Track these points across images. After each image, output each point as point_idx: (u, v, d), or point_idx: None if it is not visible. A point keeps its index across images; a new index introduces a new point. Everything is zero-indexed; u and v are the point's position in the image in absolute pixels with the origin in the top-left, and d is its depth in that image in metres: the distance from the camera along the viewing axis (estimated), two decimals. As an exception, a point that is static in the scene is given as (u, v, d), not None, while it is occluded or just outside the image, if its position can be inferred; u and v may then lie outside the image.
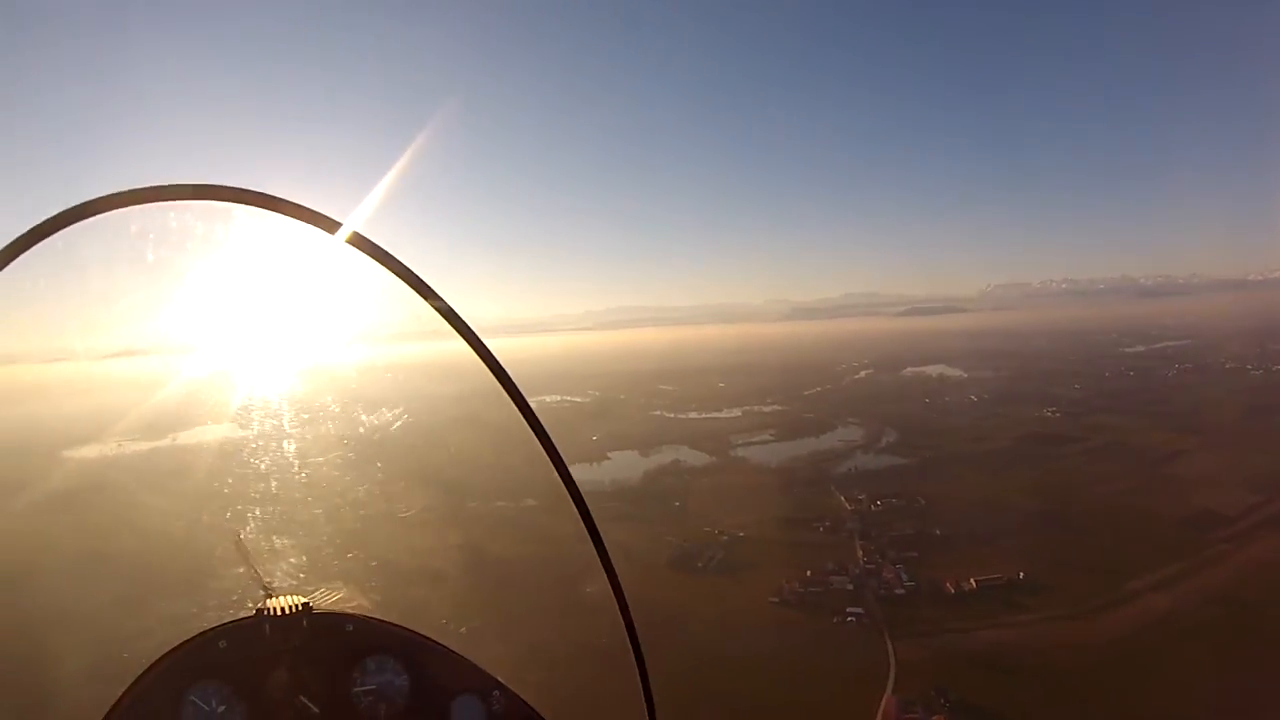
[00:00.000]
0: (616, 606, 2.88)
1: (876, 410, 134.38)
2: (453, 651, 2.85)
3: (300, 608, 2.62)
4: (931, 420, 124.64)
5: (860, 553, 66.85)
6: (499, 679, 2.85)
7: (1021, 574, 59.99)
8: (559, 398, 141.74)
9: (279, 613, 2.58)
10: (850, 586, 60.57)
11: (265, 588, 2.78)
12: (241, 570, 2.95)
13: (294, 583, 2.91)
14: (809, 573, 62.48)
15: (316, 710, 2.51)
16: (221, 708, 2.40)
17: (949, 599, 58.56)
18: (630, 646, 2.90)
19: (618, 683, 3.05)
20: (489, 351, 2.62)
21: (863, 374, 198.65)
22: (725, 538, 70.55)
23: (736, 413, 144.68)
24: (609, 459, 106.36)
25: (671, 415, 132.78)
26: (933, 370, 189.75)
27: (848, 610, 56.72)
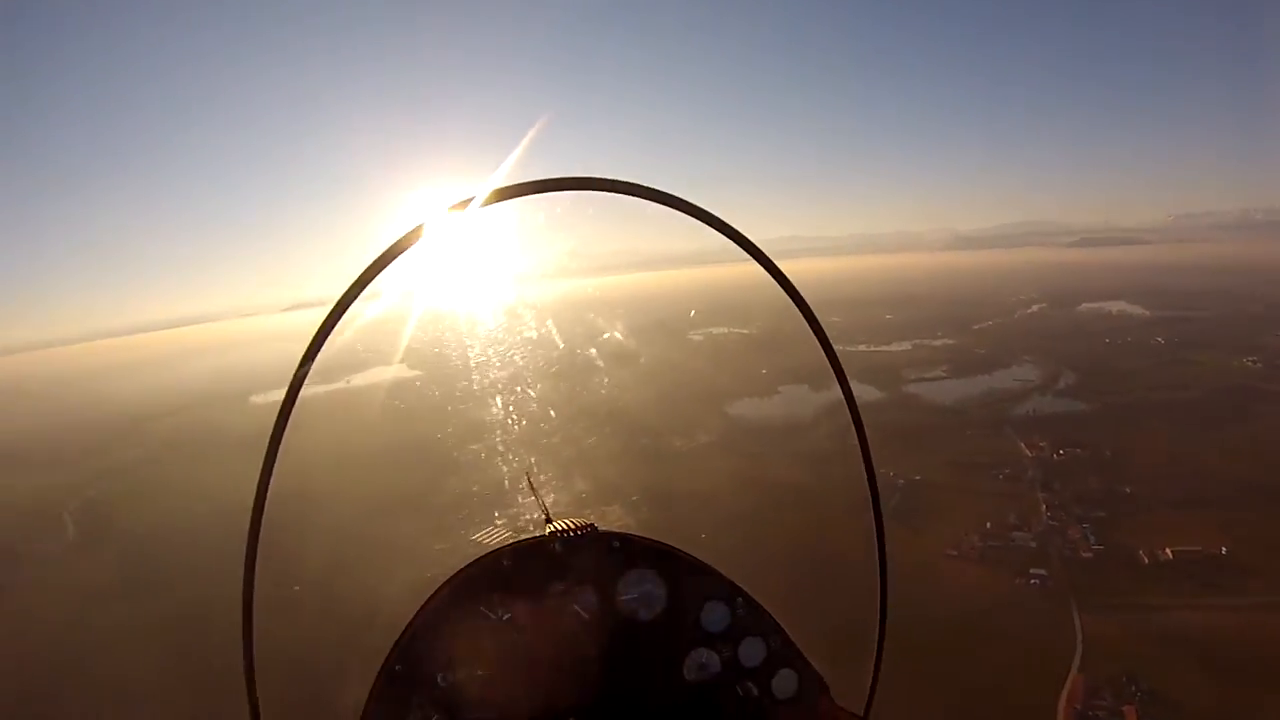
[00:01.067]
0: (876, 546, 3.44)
1: (1052, 348, 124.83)
2: (702, 563, 3.09)
3: (574, 528, 2.98)
4: (1114, 362, 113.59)
5: (1044, 507, 61.72)
6: (742, 587, 3.11)
7: (1224, 549, 53.17)
8: (725, 329, 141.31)
9: (556, 533, 2.95)
10: (1033, 544, 56.11)
11: (545, 512, 3.20)
12: (529, 500, 3.45)
13: (557, 508, 3.30)
14: (989, 525, 58.70)
15: (587, 617, 2.87)
16: (506, 615, 2.80)
17: (1141, 569, 52.93)
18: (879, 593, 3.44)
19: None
20: (794, 288, 3.24)
21: (1034, 308, 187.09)
22: (901, 481, 67.24)
23: (906, 346, 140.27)
24: (779, 393, 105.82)
25: (840, 348, 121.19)
26: (1112, 307, 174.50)
27: (1031, 571, 52.50)
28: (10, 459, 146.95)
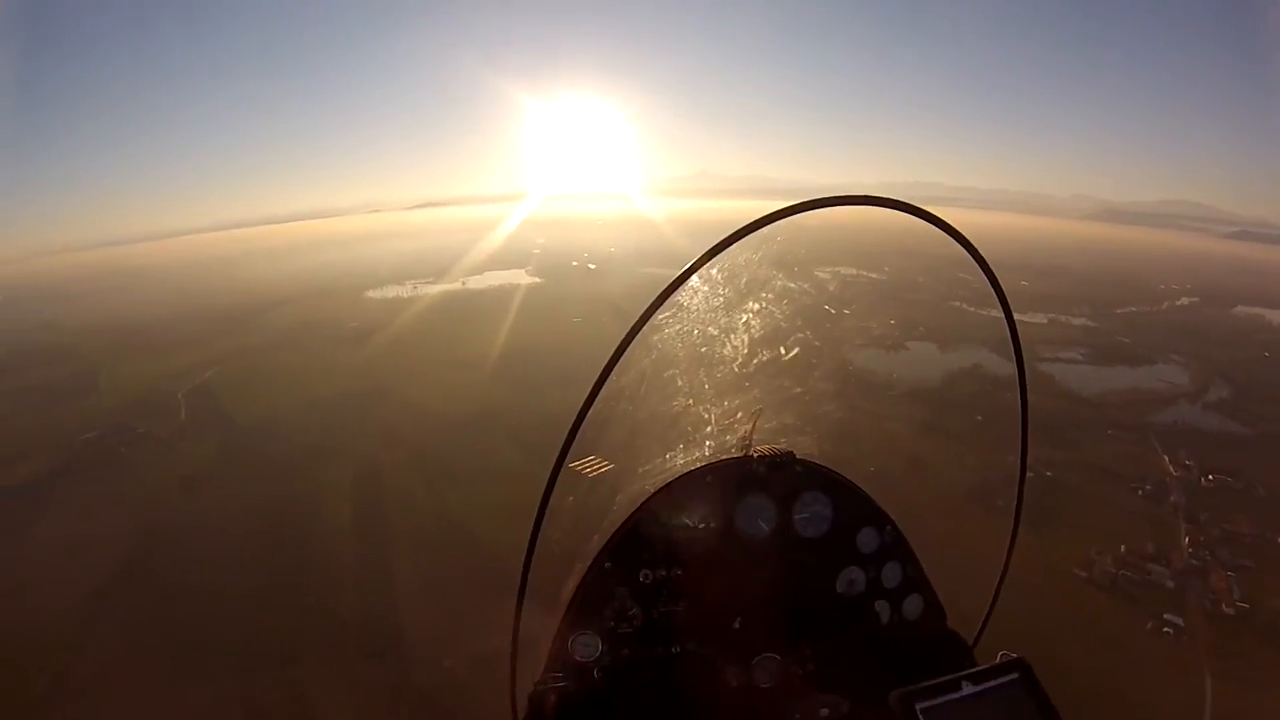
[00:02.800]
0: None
1: (1204, 352, 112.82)
2: (864, 491, 3.46)
3: (773, 452, 3.32)
4: (1275, 382, 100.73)
5: (1186, 541, 54.92)
6: (892, 517, 3.48)
7: None
8: (855, 270, 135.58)
9: (757, 454, 3.30)
10: (1170, 584, 49.58)
11: (748, 437, 3.42)
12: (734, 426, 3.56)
13: (741, 430, 3.50)
14: (1124, 549, 52.64)
15: (767, 530, 3.27)
16: (702, 525, 3.20)
17: (1290, 642, 45.75)
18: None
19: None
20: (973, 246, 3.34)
21: (1185, 301, 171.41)
22: (1030, 474, 60.84)
23: (1041, 319, 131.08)
24: (907, 349, 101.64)
25: (971, 310, 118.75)
26: (1274, 316, 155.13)
27: (1165, 618, 46.12)
28: (139, 340, 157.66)
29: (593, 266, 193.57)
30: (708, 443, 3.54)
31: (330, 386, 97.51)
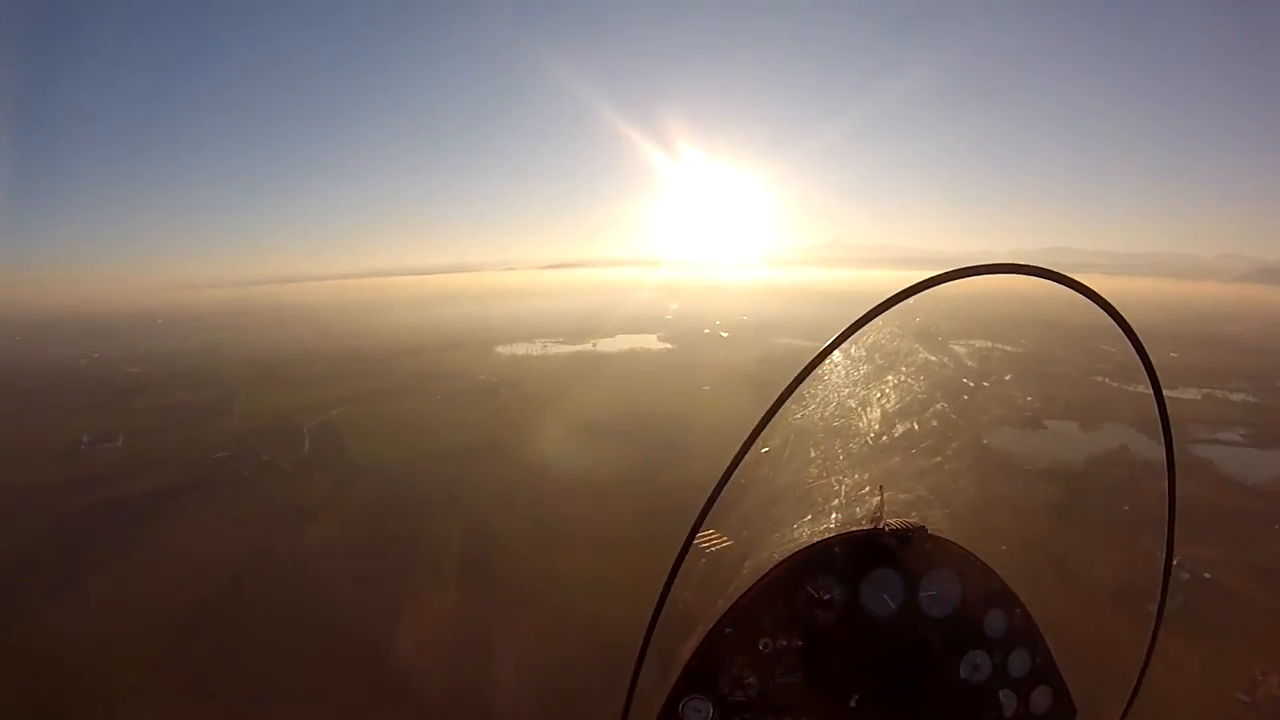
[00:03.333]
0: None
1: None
2: (994, 571, 3.35)
3: (904, 526, 3.19)
4: None
5: (1369, 671, 44.71)
6: (1023, 601, 3.35)
7: None
8: (990, 343, 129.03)
9: (888, 527, 3.19)
10: (1353, 716, 40.25)
11: (879, 510, 3.32)
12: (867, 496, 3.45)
13: (869, 502, 3.41)
14: (1297, 669, 43.55)
15: (893, 606, 3.14)
16: (827, 596, 3.10)
17: None
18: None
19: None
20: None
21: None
22: (1186, 574, 53.91)
23: (1194, 395, 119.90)
24: (1045, 428, 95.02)
25: (1116, 385, 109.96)
26: None
27: (1344, 757, 37.13)
28: (278, 373, 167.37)
29: (725, 334, 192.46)
30: (835, 514, 3.40)
31: (451, 438, 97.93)
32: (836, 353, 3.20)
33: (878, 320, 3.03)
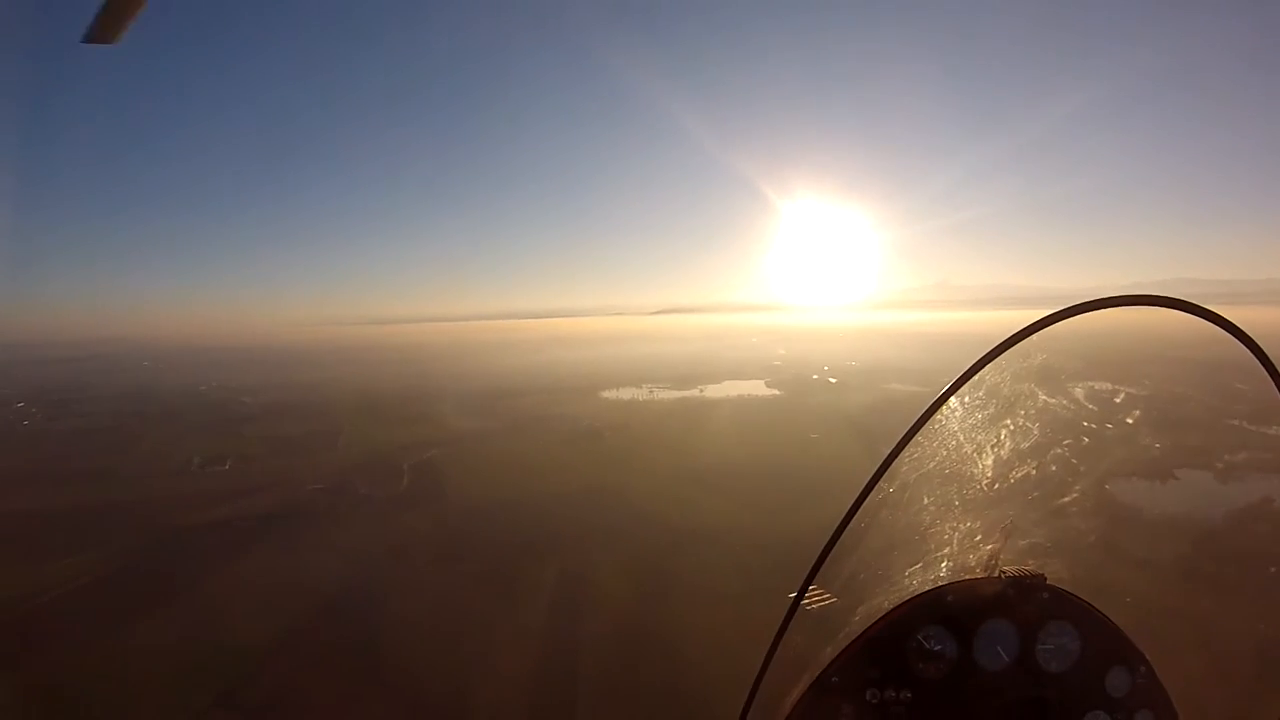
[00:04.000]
0: None
1: None
2: (1117, 626, 3.18)
3: (1022, 575, 3.11)
4: None
5: None
6: (1146, 657, 3.17)
7: None
8: (1111, 384, 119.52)
9: (1005, 576, 3.12)
10: None
11: (995, 558, 3.25)
12: (983, 543, 3.38)
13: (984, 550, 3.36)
14: None
15: (1007, 659, 3.02)
16: (938, 647, 3.01)
17: None
18: None
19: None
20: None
21: None
22: None
23: None
24: (1175, 479, 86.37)
25: (1254, 428, 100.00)
26: None
27: None
28: (385, 410, 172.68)
29: (833, 380, 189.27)
30: (948, 562, 3.34)
31: (551, 481, 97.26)
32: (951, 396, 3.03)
33: (994, 362, 2.91)
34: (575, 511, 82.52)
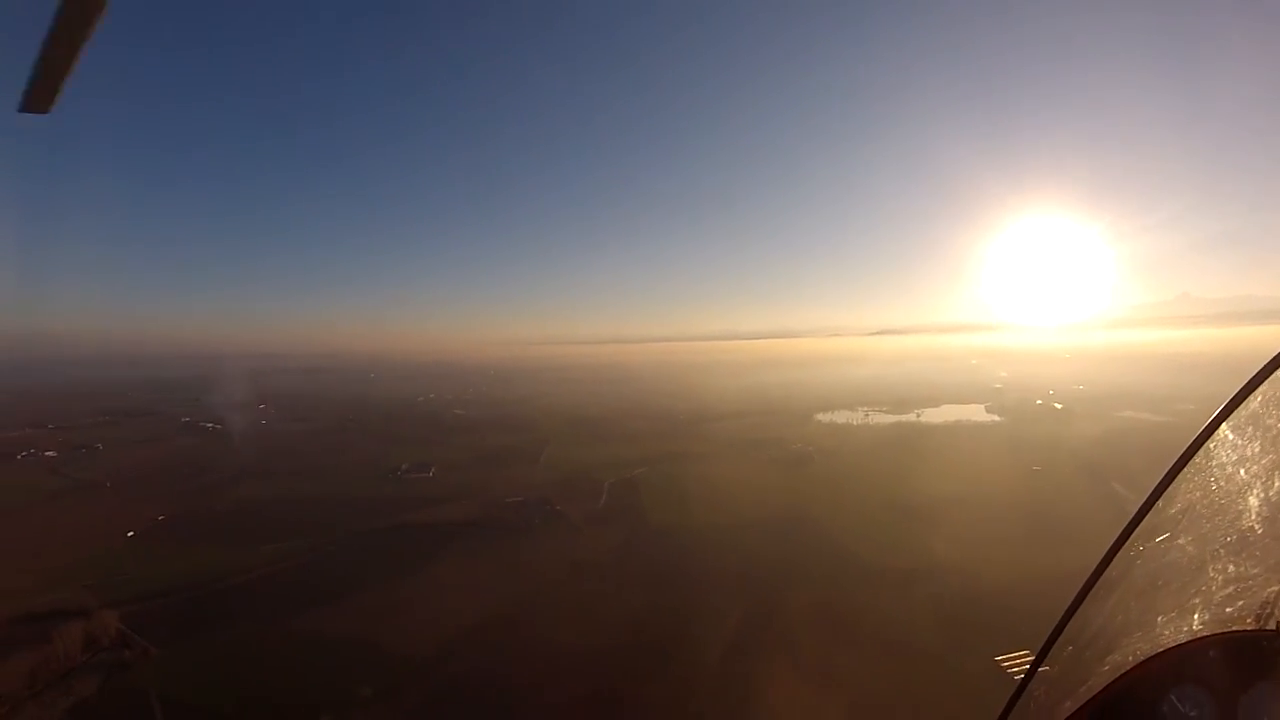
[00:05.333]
0: None
1: None
2: None
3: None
4: None
5: None
6: None
7: None
8: None
9: (1269, 628, 2.78)
10: None
11: (1266, 606, 2.89)
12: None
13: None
14: None
15: None
16: (1194, 713, 2.71)
17: None
18: None
19: None
20: None
21: None
22: None
23: None
24: None
25: None
26: None
27: None
28: (591, 428, 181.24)
29: (1058, 406, 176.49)
30: (1210, 610, 2.99)
31: (753, 507, 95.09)
32: (1202, 422, 2.87)
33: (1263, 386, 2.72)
34: (772, 542, 79.86)
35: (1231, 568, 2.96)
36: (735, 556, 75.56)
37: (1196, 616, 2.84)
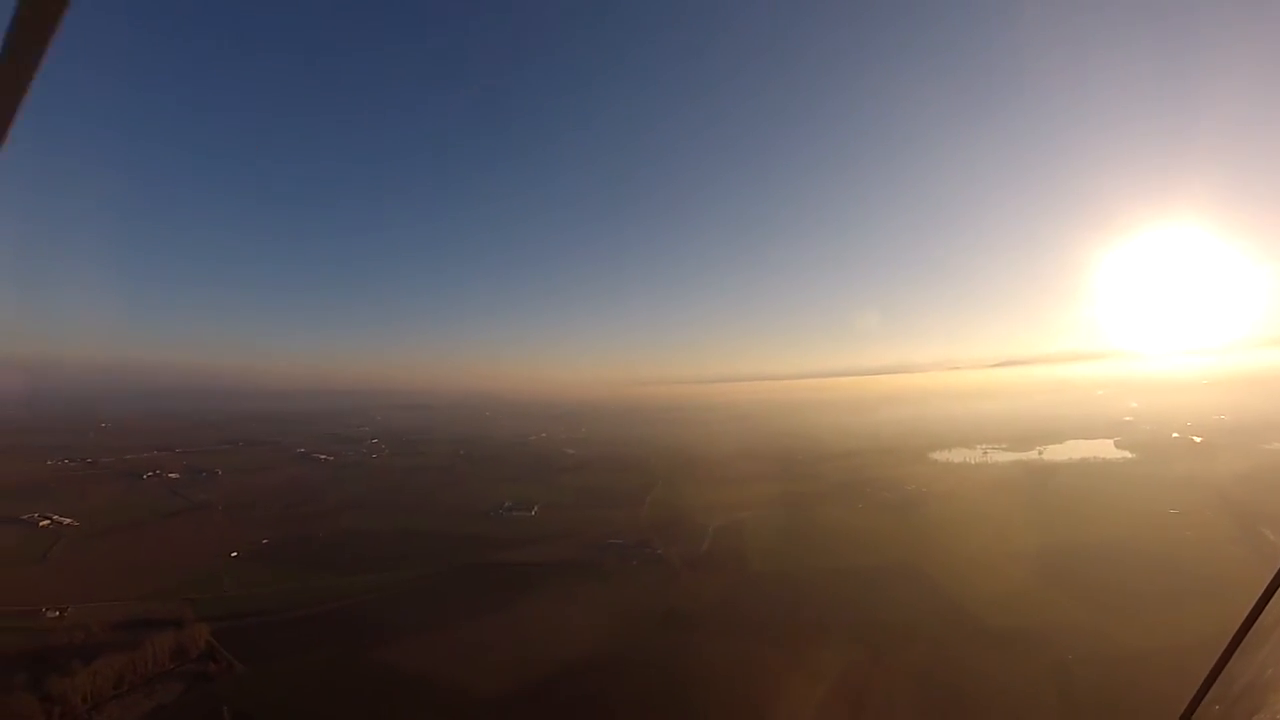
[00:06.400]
0: None
1: None
2: None
3: None
4: None
5: None
6: None
7: None
8: None
9: None
10: None
11: None
12: None
13: None
14: None
15: None
16: None
17: None
18: None
19: None
20: None
21: None
22: None
23: None
24: None
25: None
26: None
27: None
28: (698, 469, 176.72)
29: (1197, 439, 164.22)
30: None
31: (860, 554, 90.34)
32: None
33: None
34: (878, 593, 74.93)
35: None
36: (837, 608, 71.28)
37: None
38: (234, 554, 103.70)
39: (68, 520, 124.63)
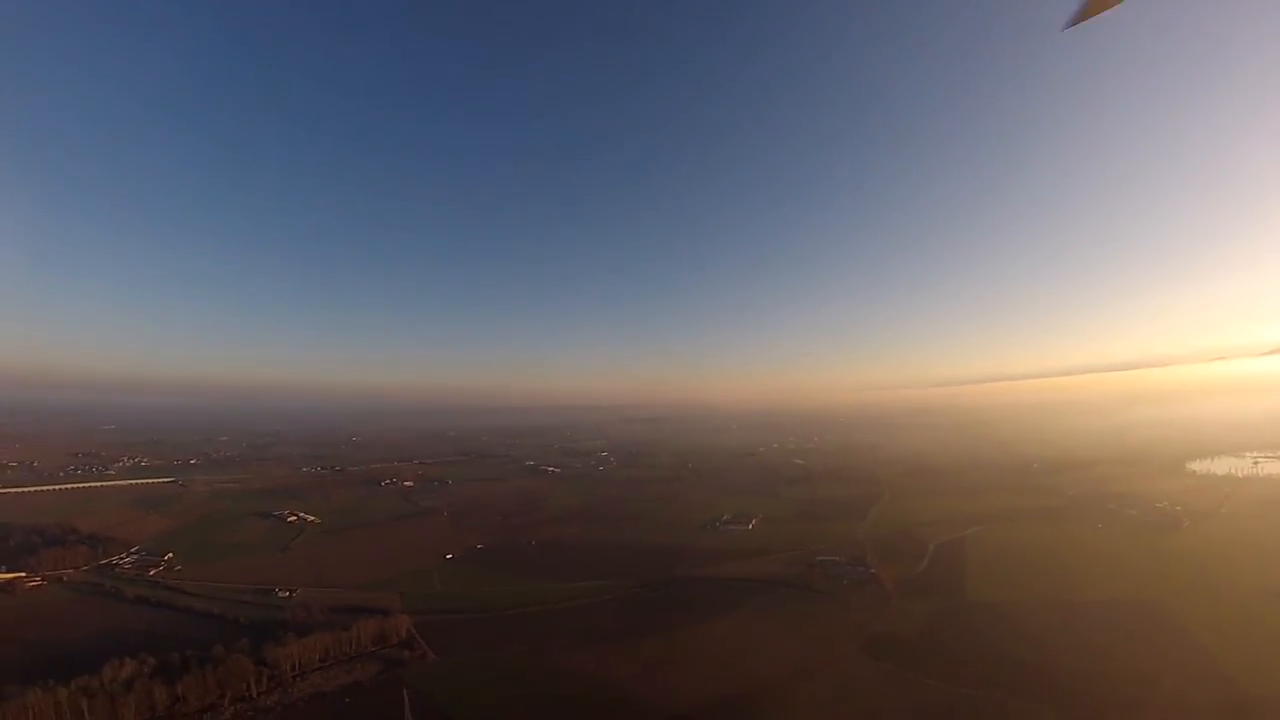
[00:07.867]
0: None
1: None
2: None
3: None
4: None
5: None
6: None
7: None
8: None
9: None
10: None
11: None
12: None
13: None
14: None
15: None
16: None
17: None
18: None
19: None
20: None
21: None
22: None
23: None
24: None
25: None
26: None
27: None
28: (926, 481, 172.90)
29: None
30: None
31: (1101, 582, 79.43)
32: None
33: None
34: (1112, 635, 64.05)
35: None
36: (1060, 649, 62.20)
37: None
38: (448, 555, 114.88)
39: (311, 518, 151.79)
